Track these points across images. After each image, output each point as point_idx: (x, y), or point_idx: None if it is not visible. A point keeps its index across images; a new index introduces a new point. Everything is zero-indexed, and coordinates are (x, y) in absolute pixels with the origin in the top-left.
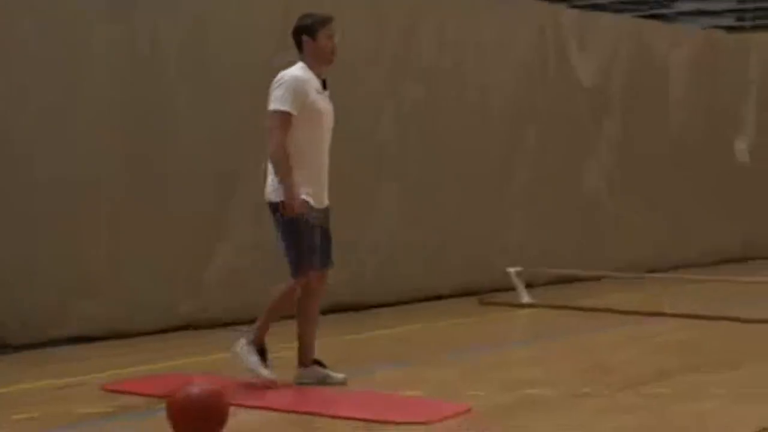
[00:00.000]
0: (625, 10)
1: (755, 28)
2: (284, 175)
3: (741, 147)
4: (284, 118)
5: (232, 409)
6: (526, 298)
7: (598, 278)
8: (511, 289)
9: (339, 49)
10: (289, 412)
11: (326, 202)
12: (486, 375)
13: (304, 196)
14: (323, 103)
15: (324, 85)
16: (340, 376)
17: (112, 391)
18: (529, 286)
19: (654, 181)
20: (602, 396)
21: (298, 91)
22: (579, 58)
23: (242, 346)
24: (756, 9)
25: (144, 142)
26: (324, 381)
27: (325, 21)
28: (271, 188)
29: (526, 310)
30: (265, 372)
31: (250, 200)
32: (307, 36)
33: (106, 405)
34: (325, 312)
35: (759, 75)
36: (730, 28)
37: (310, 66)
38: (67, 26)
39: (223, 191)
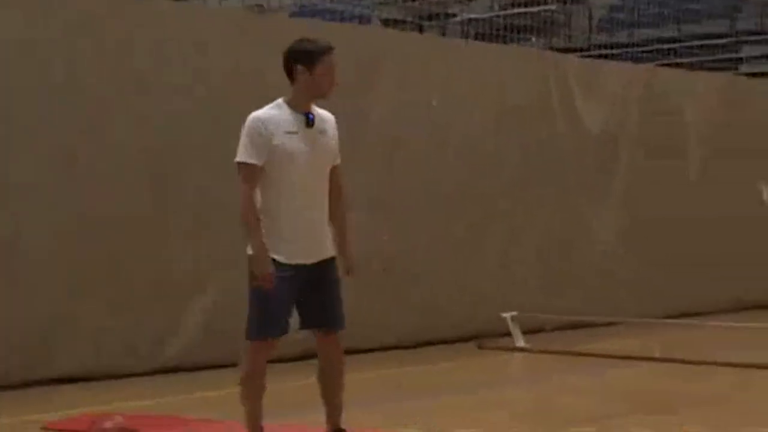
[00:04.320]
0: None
1: None
2: (251, 236)
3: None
4: (248, 170)
5: None
6: (520, 342)
7: (609, 324)
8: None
9: None
10: None
11: (322, 255)
12: (419, 418)
13: (270, 253)
14: (299, 142)
15: (309, 121)
16: None
17: (53, 429)
18: (537, 331)
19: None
20: None
21: (255, 135)
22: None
23: None
24: None
25: None
26: None
27: (326, 49)
28: None
29: (518, 355)
30: None
31: None
32: (302, 65)
33: None
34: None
35: None
36: None
37: (295, 100)
38: None
39: None
